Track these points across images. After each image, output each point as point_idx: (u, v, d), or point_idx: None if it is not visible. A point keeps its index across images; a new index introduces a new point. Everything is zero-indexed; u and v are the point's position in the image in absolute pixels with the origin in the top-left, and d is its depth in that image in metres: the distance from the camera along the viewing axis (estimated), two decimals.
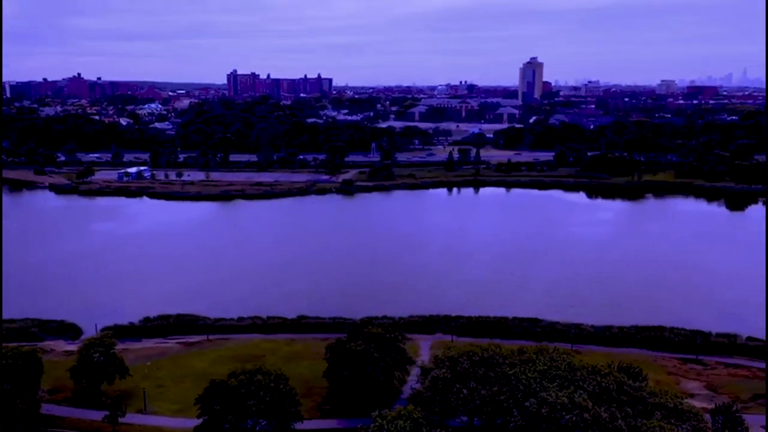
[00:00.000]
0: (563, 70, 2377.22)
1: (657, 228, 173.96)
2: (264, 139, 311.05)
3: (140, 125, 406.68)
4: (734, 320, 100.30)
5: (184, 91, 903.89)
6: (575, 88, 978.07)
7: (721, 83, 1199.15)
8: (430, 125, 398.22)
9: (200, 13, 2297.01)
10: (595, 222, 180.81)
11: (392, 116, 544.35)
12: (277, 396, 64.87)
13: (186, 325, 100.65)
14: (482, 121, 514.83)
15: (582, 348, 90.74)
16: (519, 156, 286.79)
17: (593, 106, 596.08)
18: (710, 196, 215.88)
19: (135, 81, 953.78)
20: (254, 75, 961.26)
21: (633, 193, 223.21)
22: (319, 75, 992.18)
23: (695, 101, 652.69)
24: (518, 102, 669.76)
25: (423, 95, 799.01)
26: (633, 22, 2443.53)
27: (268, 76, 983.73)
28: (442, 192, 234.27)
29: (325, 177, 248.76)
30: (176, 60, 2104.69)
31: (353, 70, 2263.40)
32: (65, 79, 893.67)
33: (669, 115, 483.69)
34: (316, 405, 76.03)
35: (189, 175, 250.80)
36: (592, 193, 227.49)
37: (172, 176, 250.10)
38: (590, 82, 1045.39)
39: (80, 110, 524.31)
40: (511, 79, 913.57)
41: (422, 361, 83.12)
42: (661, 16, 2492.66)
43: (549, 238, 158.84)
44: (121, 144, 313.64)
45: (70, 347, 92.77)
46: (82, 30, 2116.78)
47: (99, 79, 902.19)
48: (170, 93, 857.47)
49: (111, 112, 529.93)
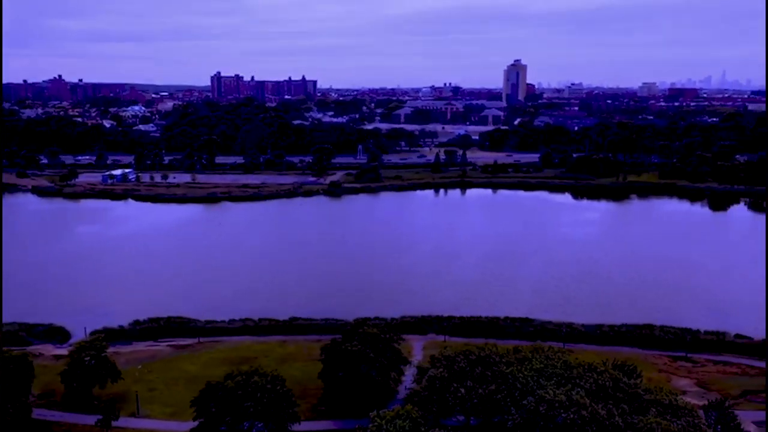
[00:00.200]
0: (546, 73, 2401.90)
1: (643, 228, 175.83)
2: (250, 141, 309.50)
3: (124, 127, 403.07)
4: (722, 318, 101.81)
5: (167, 93, 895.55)
6: (558, 90, 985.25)
7: (701, 85, 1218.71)
8: (416, 127, 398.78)
9: (182, 15, 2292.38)
10: (582, 222, 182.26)
11: (378, 118, 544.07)
12: (275, 397, 64.65)
13: (176, 328, 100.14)
14: (467, 123, 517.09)
15: (574, 347, 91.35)
16: (506, 157, 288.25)
17: (577, 108, 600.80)
18: (693, 197, 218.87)
19: (117, 83, 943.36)
20: (238, 77, 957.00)
21: (618, 194, 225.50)
22: (304, 77, 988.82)
23: (676, 103, 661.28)
24: (503, 104, 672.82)
25: (408, 97, 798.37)
26: (614, 27, 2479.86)
27: (253, 78, 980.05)
28: (429, 193, 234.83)
29: (312, 179, 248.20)
30: (159, 62, 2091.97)
31: (337, 73, 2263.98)
32: (46, 81, 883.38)
33: (651, 117, 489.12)
34: (311, 406, 75.78)
35: (174, 178, 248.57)
36: (578, 194, 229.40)
37: (158, 178, 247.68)
38: (573, 85, 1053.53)
39: (62, 112, 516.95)
40: (495, 82, 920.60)
41: (417, 361, 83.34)
42: (642, 20, 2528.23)
43: (537, 239, 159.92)
44: (105, 146, 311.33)
45: (59, 351, 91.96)
46: (63, 31, 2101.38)
47: (80, 81, 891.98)
48: (153, 95, 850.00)
49: (94, 114, 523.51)
